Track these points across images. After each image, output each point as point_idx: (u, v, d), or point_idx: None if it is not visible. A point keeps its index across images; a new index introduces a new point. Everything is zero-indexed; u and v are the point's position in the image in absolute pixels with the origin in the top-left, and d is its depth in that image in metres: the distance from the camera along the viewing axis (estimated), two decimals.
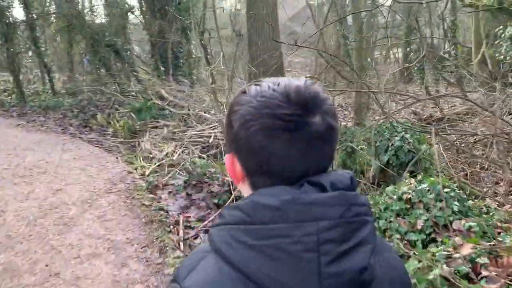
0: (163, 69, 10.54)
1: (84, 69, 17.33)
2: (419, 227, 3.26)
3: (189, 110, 7.69)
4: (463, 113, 8.69)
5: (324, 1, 20.41)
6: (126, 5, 13.64)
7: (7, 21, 12.44)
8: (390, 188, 3.71)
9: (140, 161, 6.36)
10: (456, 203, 3.29)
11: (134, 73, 12.23)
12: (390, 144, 4.34)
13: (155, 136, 7.44)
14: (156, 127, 8.23)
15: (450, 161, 4.81)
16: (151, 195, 4.86)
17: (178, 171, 5.54)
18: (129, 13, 13.64)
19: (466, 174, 5.25)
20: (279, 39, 14.53)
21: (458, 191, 3.40)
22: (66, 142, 7.59)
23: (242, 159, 0.74)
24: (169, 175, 5.47)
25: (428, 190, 3.41)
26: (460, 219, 3.22)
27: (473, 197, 4.26)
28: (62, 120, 9.48)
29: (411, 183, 3.63)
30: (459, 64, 10.67)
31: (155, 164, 6.02)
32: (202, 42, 12.59)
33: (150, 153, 6.53)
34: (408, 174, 3.92)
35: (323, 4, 20.63)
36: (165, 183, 5.25)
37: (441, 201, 3.32)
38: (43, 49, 13.79)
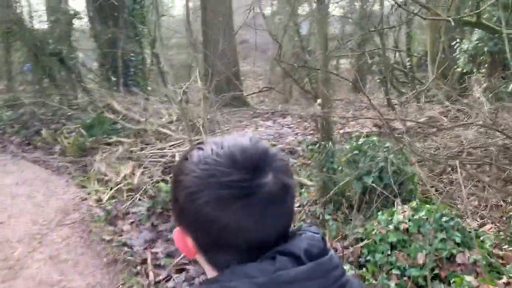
0: (114, 79, 9.84)
1: (25, 79, 16.10)
2: (420, 261, 2.99)
3: (146, 125, 7.12)
4: (425, 124, 8.75)
5: (277, 10, 20.38)
6: (71, 10, 12.78)
7: None
8: (383, 216, 3.43)
9: (94, 184, 5.73)
10: (457, 233, 3.06)
11: (82, 83, 11.39)
12: (373, 165, 4.09)
13: (109, 154, 6.81)
14: (109, 143, 7.57)
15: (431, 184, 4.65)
16: (111, 227, 4.30)
17: (139, 197, 5.00)
18: (75, 20, 12.79)
19: (441, 193, 5.14)
20: (235, 48, 14.22)
21: (458, 220, 3.18)
22: (7, 163, 6.77)
23: (192, 234, 0.70)
24: (129, 202, 4.92)
25: (427, 219, 3.16)
26: (463, 252, 2.99)
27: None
28: (1, 137, 8.55)
29: (405, 211, 3.37)
30: (414, 76, 10.86)
31: (111, 188, 5.43)
32: (154, 51, 12.01)
33: (105, 175, 5.92)
34: (397, 199, 3.67)
35: (275, 13, 20.60)
36: (126, 211, 4.71)
37: (442, 231, 3.08)
38: None
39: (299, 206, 4.49)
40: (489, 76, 8.64)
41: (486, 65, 8.78)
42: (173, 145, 6.23)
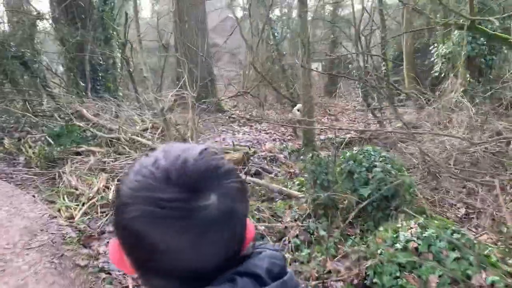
0: (83, 84, 9.29)
1: None
2: (433, 284, 2.76)
3: (119, 133, 6.68)
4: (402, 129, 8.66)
5: (249, 14, 20.12)
6: (35, 12, 12.09)
7: None
8: (387, 233, 3.19)
9: (64, 199, 5.26)
10: (470, 251, 2.84)
11: (47, 88, 10.75)
12: (371, 177, 3.85)
13: (79, 165, 6.33)
14: (78, 153, 7.07)
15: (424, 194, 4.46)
16: (86, 250, 3.87)
17: None
18: (38, 21, 12.10)
19: (432, 201, 4.98)
20: (209, 51, 13.83)
21: (468, 237, 2.97)
22: None
23: (126, 251, 0.65)
24: (105, 219, 4.50)
25: (437, 237, 2.93)
26: (478, 272, 2.78)
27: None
28: None
29: (411, 227, 3.14)
30: (389, 80, 10.81)
31: (83, 203, 4.98)
32: (124, 55, 11.49)
33: (76, 189, 5.46)
34: (395, 212, 3.44)
35: (246, 16, 20.34)
36: (101, 230, 4.29)
37: (454, 250, 2.85)
38: None
39: (290, 221, 4.20)
40: (466, 80, 8.65)
41: (461, 69, 8.81)
42: None
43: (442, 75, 9.02)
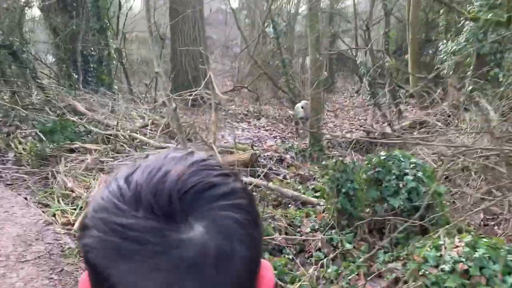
0: (76, 76, 8.81)
1: None
2: None
3: (118, 130, 6.27)
4: (410, 128, 8.40)
5: (243, 6, 19.67)
6: None
7: None
8: (428, 251, 2.88)
9: (59, 202, 4.87)
10: None
11: (37, 80, 10.25)
12: (401, 185, 3.54)
13: (74, 164, 5.92)
14: (72, 150, 6.65)
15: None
16: None
17: None
18: (27, 9, 11.55)
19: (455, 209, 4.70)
20: (206, 44, 13.41)
21: None
22: None
23: (90, 281, 0.49)
24: None
25: (489, 258, 2.63)
26: None
27: None
28: None
29: (456, 245, 2.83)
30: (394, 76, 10.54)
31: (81, 207, 4.60)
32: (117, 46, 11.02)
33: (72, 191, 5.06)
34: (441, 229, 3.13)
35: (241, 8, 19.89)
36: None
37: (510, 273, 2.55)
38: None
39: (310, 232, 3.88)
40: (475, 78, 8.40)
41: (471, 67, 8.55)
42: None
43: (451, 72, 8.76)
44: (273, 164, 6.42)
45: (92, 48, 10.44)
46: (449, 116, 7.32)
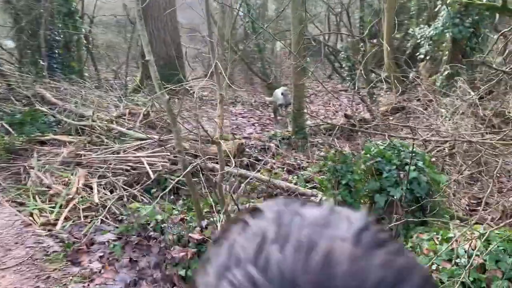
0: (43, 63, 8.25)
1: None
2: None
3: (93, 121, 5.92)
4: (387, 112, 8.40)
5: None
6: None
7: None
8: (440, 246, 2.81)
9: (35, 200, 4.53)
10: None
11: None
12: (402, 175, 3.46)
13: (49, 158, 5.55)
14: (43, 143, 6.24)
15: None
16: (76, 269, 3.25)
17: (101, 218, 3.95)
18: None
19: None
20: (178, 28, 12.94)
21: None
22: None
23: None
24: (90, 226, 3.86)
25: (504, 251, 2.58)
26: None
27: None
28: None
29: (469, 238, 2.77)
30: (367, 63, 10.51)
31: (61, 206, 4.29)
32: (87, 31, 10.45)
33: (49, 187, 4.73)
34: (453, 220, 3.08)
35: None
36: (89, 240, 3.66)
37: None
38: None
39: None
40: (451, 63, 8.47)
41: (447, 52, 8.61)
42: (137, 148, 5.12)
43: (428, 57, 8.80)
44: (258, 153, 6.26)
45: (56, 33, 9.85)
46: (430, 101, 7.34)
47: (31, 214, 4.27)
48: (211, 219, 3.47)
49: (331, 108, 11.33)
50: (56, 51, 9.96)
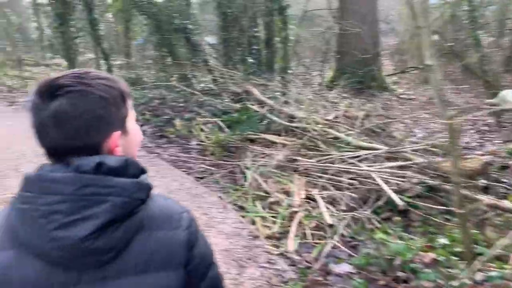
0: (251, 61, 8.37)
1: (143, 55, 15.62)
2: None
3: (308, 123, 5.56)
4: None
5: None
6: None
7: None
8: None
9: (254, 205, 4.34)
10: None
11: (208, 64, 10.23)
12: None
13: (260, 159, 5.40)
14: (251, 140, 6.20)
15: None
16: None
17: (337, 242, 3.46)
18: None
19: None
20: (377, 17, 12.04)
21: None
22: (143, 162, 5.70)
23: None
24: (319, 250, 3.41)
25: None
26: None
27: None
28: None
29: None
30: None
31: (283, 217, 3.97)
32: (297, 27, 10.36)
33: (267, 193, 4.50)
34: None
35: None
36: (323, 268, 3.20)
37: None
38: (101, 33, 11.95)
39: None
40: None
41: None
42: (363, 158, 4.53)
43: None
44: (497, 173, 5.07)
45: (255, 30, 10.01)
46: None
47: (253, 222, 4.07)
48: (489, 273, 2.64)
49: None
50: (255, 47, 10.16)
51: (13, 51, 12.78)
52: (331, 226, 3.68)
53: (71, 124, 0.80)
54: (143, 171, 0.89)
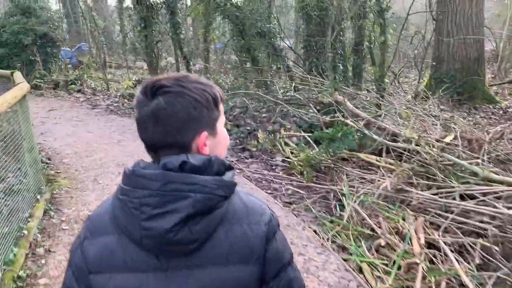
0: (342, 67, 7.59)
1: (222, 59, 15.39)
2: None
3: (418, 145, 4.70)
4: None
5: None
6: None
7: (147, 3, 10.67)
8: None
9: (357, 245, 3.60)
10: None
11: (290, 69, 9.61)
12: None
13: (358, 183, 4.64)
14: (343, 159, 5.45)
15: None
16: None
17: None
18: None
19: None
20: (483, 20, 10.71)
21: None
22: None
23: None
24: None
25: None
26: None
27: None
28: None
29: None
30: None
31: (399, 267, 3.19)
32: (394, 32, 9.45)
33: (373, 231, 3.73)
34: None
35: None
36: None
37: None
38: (182, 36, 11.80)
39: None
40: None
41: None
42: (495, 195, 3.61)
43: None
44: None
45: (341, 33, 9.22)
46: None
47: (360, 269, 3.33)
48: None
49: None
50: (342, 53, 9.38)
51: (98, 53, 13.05)
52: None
53: (166, 121, 0.86)
54: (229, 168, 0.90)
